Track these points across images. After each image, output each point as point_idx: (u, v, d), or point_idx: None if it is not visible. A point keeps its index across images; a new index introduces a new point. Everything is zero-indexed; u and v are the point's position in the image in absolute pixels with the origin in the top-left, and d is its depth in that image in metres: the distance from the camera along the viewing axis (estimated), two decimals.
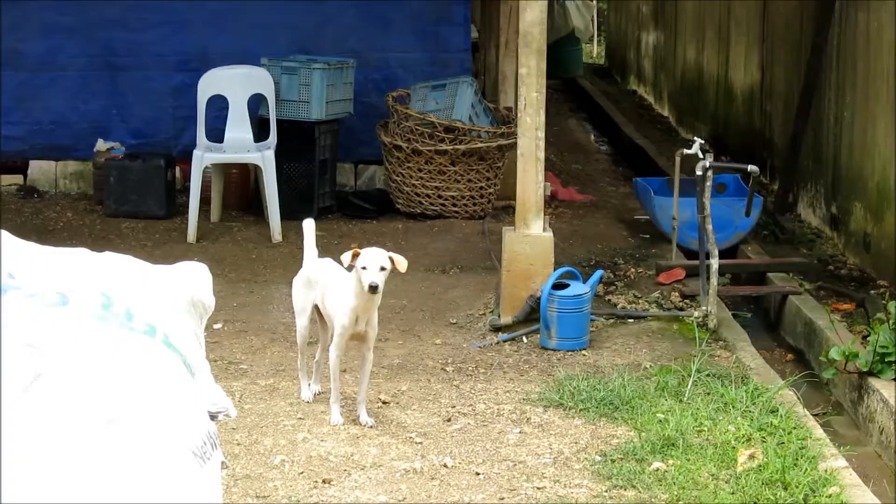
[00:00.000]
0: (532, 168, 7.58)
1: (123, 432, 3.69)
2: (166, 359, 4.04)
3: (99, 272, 4.18)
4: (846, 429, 6.83)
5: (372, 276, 5.79)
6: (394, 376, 6.82)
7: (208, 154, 9.65)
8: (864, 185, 9.11)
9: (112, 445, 3.64)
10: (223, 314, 7.52)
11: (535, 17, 7.50)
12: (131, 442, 3.68)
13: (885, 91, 8.73)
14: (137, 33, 10.54)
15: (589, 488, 5.44)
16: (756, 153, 11.53)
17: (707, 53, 14.34)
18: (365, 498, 5.33)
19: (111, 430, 3.68)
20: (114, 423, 3.70)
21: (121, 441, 3.66)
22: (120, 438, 3.66)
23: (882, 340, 6.80)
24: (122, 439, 3.67)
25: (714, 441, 5.87)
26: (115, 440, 3.65)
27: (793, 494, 5.32)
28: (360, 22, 10.57)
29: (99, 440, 3.63)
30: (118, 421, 3.71)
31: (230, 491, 5.28)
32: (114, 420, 3.71)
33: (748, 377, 6.71)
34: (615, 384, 6.54)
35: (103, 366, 3.83)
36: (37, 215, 10.17)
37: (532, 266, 7.54)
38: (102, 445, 3.62)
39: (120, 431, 3.69)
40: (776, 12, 11.52)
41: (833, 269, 9.09)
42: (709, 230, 7.70)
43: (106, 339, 3.93)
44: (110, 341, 3.93)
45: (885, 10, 8.77)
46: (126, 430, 3.70)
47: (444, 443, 5.95)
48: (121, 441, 3.66)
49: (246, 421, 6.09)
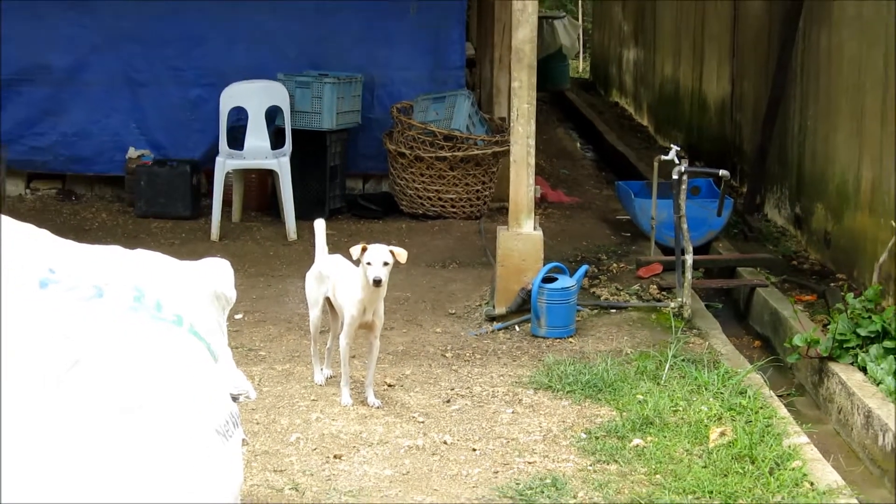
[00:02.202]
0: (524, 173, 7.60)
1: (153, 412, 3.71)
2: (192, 346, 4.05)
3: (131, 267, 4.19)
4: (808, 408, 6.84)
5: (376, 272, 5.82)
6: (398, 362, 6.84)
7: (230, 160, 9.67)
8: (825, 188, 9.12)
9: (143, 424, 3.66)
10: (243, 305, 7.54)
11: (525, 35, 7.52)
12: (160, 421, 3.70)
13: (845, 103, 8.75)
14: (157, 50, 10.51)
15: (575, 463, 5.46)
16: (727, 159, 11.54)
17: (683, 68, 14.35)
18: (372, 472, 5.35)
19: (142, 410, 3.70)
20: (144, 404, 3.72)
21: (151, 420, 3.68)
22: (150, 418, 3.68)
23: (840, 328, 6.82)
24: (152, 419, 3.68)
25: (688, 420, 5.88)
26: (145, 420, 3.67)
27: (759, 468, 5.33)
28: (366, 40, 10.57)
29: (131, 420, 3.65)
30: (148, 402, 3.73)
31: (250, 465, 5.30)
32: (144, 402, 3.73)
33: (719, 362, 6.72)
34: (599, 368, 6.56)
35: (135, 352, 3.85)
36: (74, 216, 10.18)
37: (524, 262, 7.55)
38: (134, 425, 3.64)
39: (150, 412, 3.71)
40: (745, 31, 11.54)
41: (796, 264, 9.10)
42: (684, 229, 7.72)
43: (138, 328, 3.94)
44: (142, 330, 3.94)
45: (846, 30, 8.79)
46: (155, 410, 3.72)
47: (444, 422, 5.96)
48: (151, 420, 3.68)
49: (264, 402, 6.11)
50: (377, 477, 5.30)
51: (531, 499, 5.06)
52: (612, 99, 18.94)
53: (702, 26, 13.37)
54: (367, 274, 5.84)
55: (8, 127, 10.38)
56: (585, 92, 19.87)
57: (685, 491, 5.10)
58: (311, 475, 5.29)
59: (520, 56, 7.52)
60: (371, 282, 5.83)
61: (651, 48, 16.25)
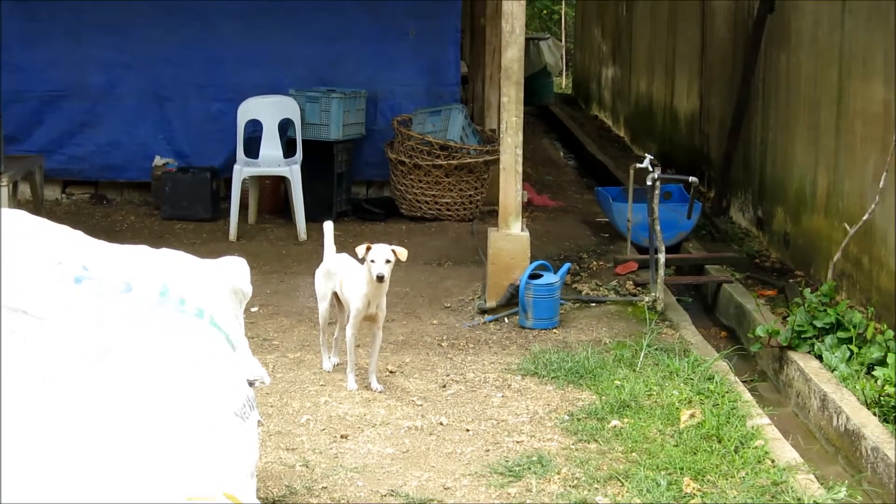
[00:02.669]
0: (512, 179, 7.59)
1: (177, 396, 3.71)
2: (212, 336, 4.05)
3: (157, 265, 4.19)
4: (769, 393, 6.85)
5: (379, 269, 5.83)
6: (399, 350, 6.83)
7: (246, 168, 9.66)
8: (784, 193, 9.12)
9: (168, 406, 3.65)
10: (258, 299, 7.53)
11: (514, 54, 7.52)
12: (184, 404, 3.70)
13: (802, 116, 8.76)
14: (181, 69, 10.51)
15: (559, 442, 5.46)
16: (696, 167, 11.54)
17: (656, 85, 14.36)
18: (375, 450, 5.35)
19: (167, 394, 3.69)
20: (169, 388, 3.72)
21: (175, 403, 3.68)
22: (174, 401, 3.68)
23: (799, 320, 6.83)
24: (177, 402, 3.68)
25: (661, 403, 5.88)
26: (170, 402, 3.67)
27: (726, 446, 5.33)
28: (370, 59, 10.57)
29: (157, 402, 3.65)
30: (173, 387, 3.73)
31: (265, 444, 5.30)
32: (169, 386, 3.73)
33: (689, 351, 6.73)
34: (580, 357, 6.55)
35: (161, 342, 3.85)
36: (106, 218, 10.17)
37: (512, 260, 7.55)
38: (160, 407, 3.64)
39: (174, 395, 3.71)
40: (712, 51, 11.54)
41: (759, 262, 9.11)
42: (657, 230, 7.72)
43: (163, 320, 3.94)
44: (167, 322, 3.94)
45: (803, 52, 8.79)
46: (180, 394, 3.72)
47: (440, 405, 5.96)
48: (175, 403, 3.68)
49: (278, 387, 6.10)
50: (380, 455, 5.29)
51: (519, 475, 5.06)
52: (592, 112, 18.95)
53: (673, 48, 13.38)
54: (372, 270, 5.85)
55: (48, 138, 10.44)
56: (568, 106, 19.87)
57: (658, 468, 5.10)
58: (319, 453, 5.29)
59: (508, 73, 7.52)
60: (375, 278, 5.85)
61: (627, 67, 16.25)
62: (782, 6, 9.30)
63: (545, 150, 15.04)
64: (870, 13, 7.48)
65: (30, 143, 10.28)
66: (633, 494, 4.83)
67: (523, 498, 4.85)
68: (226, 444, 3.71)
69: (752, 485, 4.94)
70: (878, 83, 7.29)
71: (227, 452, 3.70)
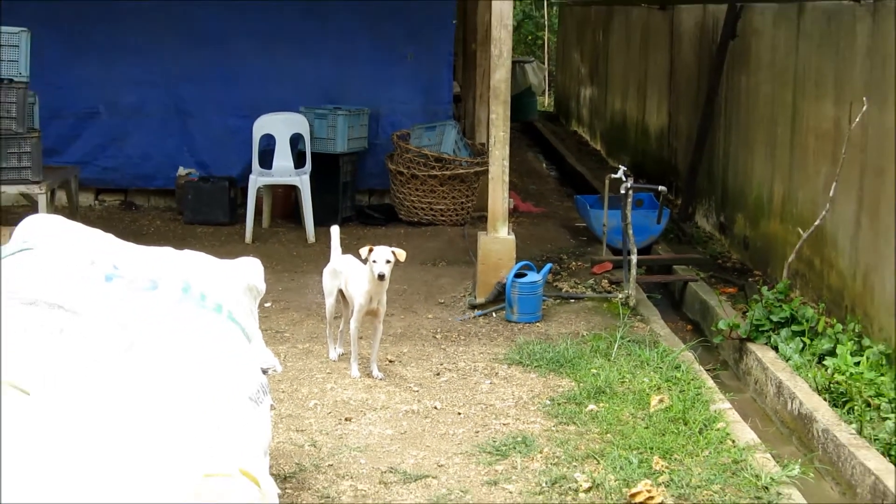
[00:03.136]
0: (500, 188, 7.60)
1: (198, 382, 3.71)
2: (229, 329, 4.05)
3: (180, 265, 4.19)
4: (730, 380, 6.86)
5: (380, 268, 5.84)
6: (397, 342, 6.83)
7: (261, 177, 9.65)
8: (744, 201, 9.13)
9: (190, 392, 3.65)
10: (271, 296, 7.53)
11: (501, 76, 7.52)
12: (204, 390, 3.70)
13: (760, 132, 8.77)
14: (203, 88, 10.49)
15: (541, 424, 5.46)
16: (665, 177, 11.55)
17: (629, 103, 14.37)
18: (376, 431, 5.35)
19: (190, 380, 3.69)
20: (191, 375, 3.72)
21: (197, 388, 3.68)
22: (197, 386, 3.68)
23: (757, 315, 6.84)
24: (199, 387, 3.68)
25: (633, 389, 5.89)
26: (193, 388, 3.67)
27: (691, 428, 5.34)
28: (373, 80, 10.57)
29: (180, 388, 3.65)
30: (194, 374, 3.73)
31: (277, 426, 5.30)
32: (191, 373, 3.72)
33: (658, 342, 6.73)
34: (560, 347, 6.56)
35: (183, 334, 3.85)
36: (134, 223, 10.16)
37: (500, 260, 7.56)
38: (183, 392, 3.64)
39: (196, 381, 3.70)
40: (680, 73, 11.55)
41: (721, 263, 9.12)
42: (630, 234, 7.73)
43: (185, 314, 3.94)
44: (188, 316, 3.94)
45: (761, 74, 8.80)
46: (200, 380, 3.72)
47: (435, 391, 5.96)
48: (197, 388, 3.68)
49: (288, 375, 6.10)
50: (380, 436, 5.29)
51: (506, 454, 5.07)
52: (571, 128, 18.95)
53: (645, 70, 13.39)
54: (374, 270, 5.86)
55: (84, 151, 10.43)
56: (550, 122, 19.86)
57: (631, 447, 5.10)
58: (326, 434, 5.29)
59: (496, 93, 7.53)
60: (377, 276, 5.86)
61: (604, 87, 16.26)
62: (743, 33, 9.31)
63: (529, 162, 15.04)
64: (821, 40, 7.49)
65: (67, 155, 10.26)
66: (608, 471, 4.83)
67: (509, 474, 4.86)
68: (241, 426, 3.71)
69: (714, 463, 4.95)
70: (828, 103, 7.30)
71: (243, 433, 3.70)
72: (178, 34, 10.41)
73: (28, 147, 7.80)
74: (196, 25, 10.41)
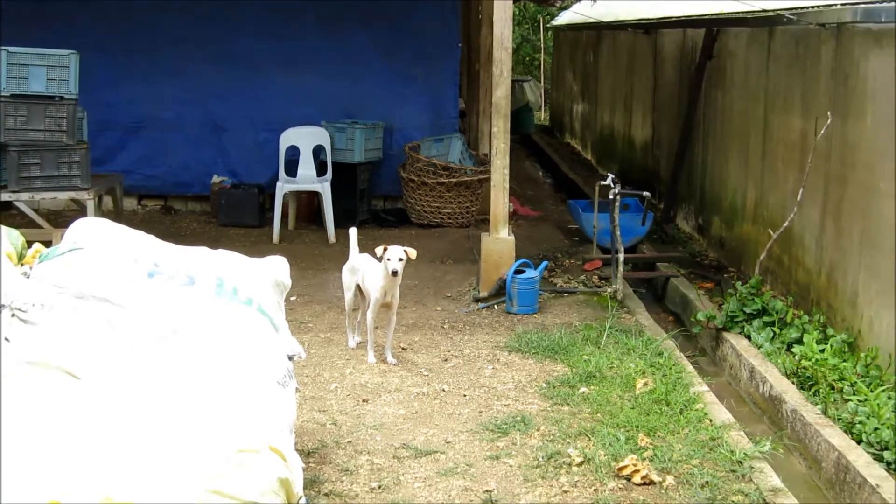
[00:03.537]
0: (500, 194, 7.59)
1: (232, 367, 3.71)
2: (259, 320, 4.06)
3: (214, 263, 4.20)
4: (708, 366, 6.84)
5: (394, 265, 5.84)
6: (409, 331, 6.83)
7: (287, 184, 9.65)
8: (720, 205, 9.12)
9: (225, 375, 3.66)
10: (296, 290, 7.54)
11: (502, 93, 7.52)
12: (236, 374, 3.70)
13: (735, 143, 8.75)
14: (235, 104, 10.50)
15: (538, 405, 5.46)
16: (649, 184, 11.52)
17: (617, 118, 14.35)
18: (390, 411, 5.35)
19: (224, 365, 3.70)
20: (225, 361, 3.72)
21: (231, 373, 3.68)
22: (230, 371, 3.69)
23: (731, 307, 6.83)
24: (232, 372, 3.69)
25: (621, 374, 5.88)
26: (226, 372, 3.68)
27: (673, 408, 5.34)
28: (386, 97, 10.57)
29: (215, 373, 3.65)
30: (228, 360, 3.73)
31: (301, 406, 5.30)
32: (225, 359, 3.73)
33: (643, 332, 6.73)
34: (555, 336, 6.56)
35: (218, 325, 3.85)
36: (173, 225, 10.17)
37: (500, 258, 7.55)
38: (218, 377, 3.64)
39: (230, 367, 3.71)
40: (662, 90, 11.54)
41: (699, 261, 9.11)
42: (617, 235, 7.72)
43: (219, 307, 3.94)
44: (222, 309, 3.95)
45: (735, 91, 8.79)
46: (234, 365, 3.72)
47: (443, 375, 5.96)
48: (231, 373, 3.68)
49: (311, 361, 6.11)
50: (394, 415, 5.29)
51: (506, 431, 5.06)
52: (565, 140, 18.93)
53: (631, 88, 13.37)
54: (388, 267, 5.86)
55: (129, 161, 10.46)
56: (546, 135, 19.85)
57: (618, 425, 5.10)
58: (345, 414, 5.29)
59: (498, 109, 7.52)
60: (390, 273, 5.86)
61: (594, 103, 16.25)
62: (719, 54, 9.30)
63: (527, 171, 15.03)
64: (790, 60, 7.48)
65: (114, 164, 10.28)
66: (599, 447, 4.83)
67: (509, 450, 4.85)
68: (270, 407, 3.72)
69: (694, 440, 4.95)
70: (796, 116, 7.29)
71: (271, 413, 3.70)
72: (212, 58, 10.42)
73: (77, 157, 7.83)
74: (229, 50, 10.42)
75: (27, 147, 7.69)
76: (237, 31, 10.40)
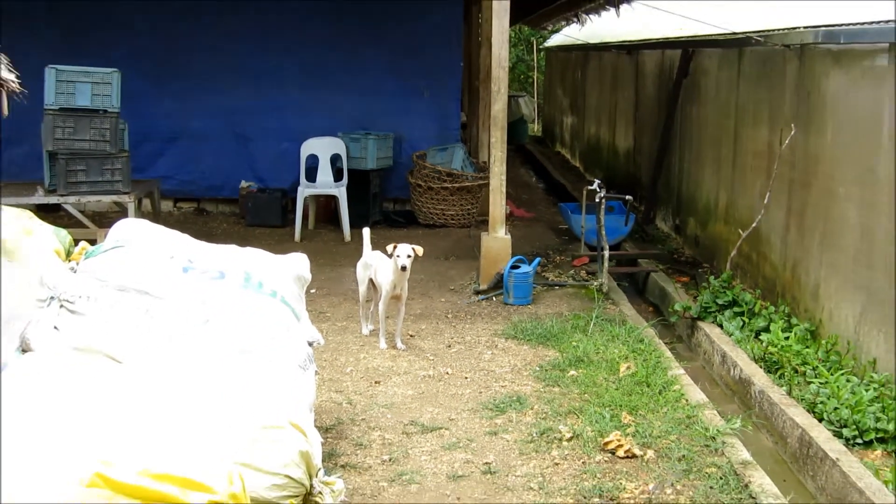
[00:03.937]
0: (498, 197, 7.58)
1: (259, 353, 3.71)
2: (282, 311, 4.05)
3: (242, 259, 4.19)
4: (684, 351, 6.82)
5: (403, 261, 5.83)
6: (417, 320, 6.83)
7: (307, 189, 9.64)
8: (695, 206, 9.11)
9: (254, 360, 3.65)
10: (315, 284, 7.52)
11: (500, 107, 7.50)
12: (264, 359, 3.70)
13: (708, 152, 8.74)
14: (259, 117, 10.50)
15: (532, 386, 5.45)
16: (632, 188, 11.52)
17: (602, 129, 14.34)
18: (400, 392, 5.34)
19: (253, 351, 3.69)
20: (254, 348, 3.72)
21: (258, 358, 3.68)
22: (258, 356, 3.68)
23: (705, 299, 6.82)
24: (259, 357, 3.68)
25: (606, 358, 5.87)
26: (255, 357, 3.67)
27: (652, 389, 5.33)
28: (396, 111, 10.56)
29: (247, 357, 3.65)
30: (256, 347, 3.73)
31: (320, 388, 5.30)
32: (254, 346, 3.72)
33: (626, 321, 6.71)
34: (547, 325, 6.55)
35: (245, 315, 3.85)
36: (205, 225, 10.17)
37: (498, 255, 7.54)
38: (249, 360, 3.64)
39: (258, 353, 3.70)
40: (643, 105, 11.52)
41: (677, 257, 9.09)
42: (603, 234, 7.71)
43: (247, 298, 3.94)
44: (250, 300, 3.94)
45: (709, 105, 8.77)
46: (261, 352, 3.72)
47: (447, 359, 5.96)
48: (258, 358, 3.68)
49: (329, 347, 6.10)
50: (403, 395, 5.29)
51: (504, 410, 5.06)
52: (556, 149, 18.92)
53: (615, 103, 13.35)
54: (397, 263, 5.85)
55: (166, 167, 10.46)
56: (539, 145, 19.84)
57: (604, 405, 5.09)
58: (360, 394, 5.29)
59: (496, 121, 7.51)
60: (400, 268, 5.85)
61: (582, 116, 16.23)
62: (694, 72, 9.28)
63: (522, 177, 15.02)
64: (758, 78, 7.46)
65: (152, 171, 10.29)
66: (586, 424, 4.82)
67: (506, 426, 4.85)
68: (292, 388, 3.72)
69: (672, 418, 4.94)
70: (763, 129, 7.27)
71: (293, 393, 3.70)
72: (240, 76, 10.43)
73: (119, 164, 7.85)
74: (255, 68, 10.43)
75: (74, 155, 7.72)
76: (262, 52, 10.40)
